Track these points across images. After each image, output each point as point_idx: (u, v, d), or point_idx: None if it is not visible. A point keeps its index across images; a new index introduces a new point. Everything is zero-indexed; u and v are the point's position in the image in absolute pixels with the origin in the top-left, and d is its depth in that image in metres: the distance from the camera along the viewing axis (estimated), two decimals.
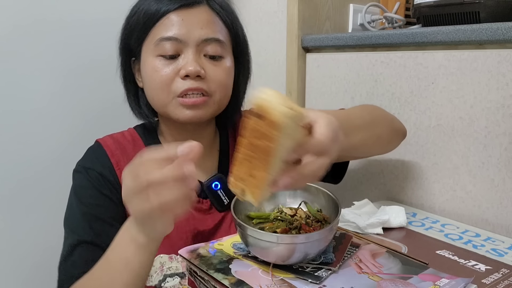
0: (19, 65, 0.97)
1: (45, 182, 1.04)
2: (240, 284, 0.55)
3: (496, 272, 0.60)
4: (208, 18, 0.74)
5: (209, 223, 0.78)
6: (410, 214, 0.85)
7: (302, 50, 1.15)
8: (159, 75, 0.72)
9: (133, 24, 0.76)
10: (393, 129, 0.83)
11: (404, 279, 0.57)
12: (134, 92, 0.82)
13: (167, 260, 0.74)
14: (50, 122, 1.03)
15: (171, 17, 0.72)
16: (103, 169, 0.75)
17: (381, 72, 0.98)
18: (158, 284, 0.74)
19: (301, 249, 0.57)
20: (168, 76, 0.72)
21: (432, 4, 0.92)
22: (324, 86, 1.11)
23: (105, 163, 0.76)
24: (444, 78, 0.87)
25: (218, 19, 0.76)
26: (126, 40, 0.78)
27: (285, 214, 0.65)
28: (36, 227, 1.03)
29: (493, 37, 0.79)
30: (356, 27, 1.25)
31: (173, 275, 0.74)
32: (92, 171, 0.75)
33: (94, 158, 0.77)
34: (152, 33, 0.73)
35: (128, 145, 0.80)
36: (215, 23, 0.75)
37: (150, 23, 0.73)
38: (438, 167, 0.90)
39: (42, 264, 1.02)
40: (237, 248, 0.65)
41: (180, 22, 0.71)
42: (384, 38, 0.96)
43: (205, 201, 0.79)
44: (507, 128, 0.80)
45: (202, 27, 0.72)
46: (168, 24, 0.72)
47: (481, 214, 0.85)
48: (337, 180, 0.90)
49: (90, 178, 0.75)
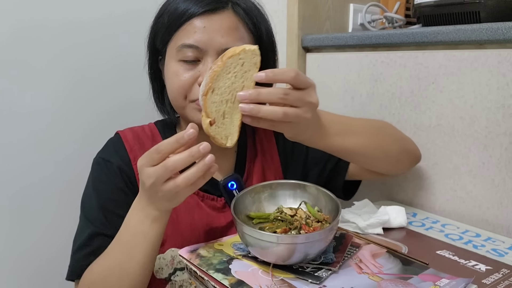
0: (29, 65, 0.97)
1: (55, 184, 1.04)
2: (240, 284, 0.55)
3: (497, 272, 0.60)
4: (231, 24, 0.74)
5: (221, 221, 0.79)
6: (410, 214, 0.85)
7: (302, 50, 1.15)
8: (178, 79, 0.74)
9: (159, 26, 0.78)
10: (404, 149, 0.84)
11: (404, 279, 0.57)
12: (160, 89, 0.84)
13: (178, 254, 0.76)
14: (63, 121, 1.03)
15: (194, 23, 0.73)
16: (121, 162, 0.78)
17: (381, 72, 0.98)
18: (168, 277, 0.76)
19: (301, 249, 0.57)
20: (187, 82, 0.74)
21: (433, 4, 0.92)
22: (324, 86, 1.11)
23: (124, 158, 0.79)
24: (444, 78, 0.87)
25: (242, 25, 0.76)
26: (153, 40, 0.80)
27: (285, 214, 0.65)
28: (51, 227, 1.03)
29: (494, 37, 0.79)
30: (356, 27, 1.25)
31: (183, 269, 0.76)
32: (111, 164, 0.78)
33: (114, 151, 0.80)
34: (176, 37, 0.75)
35: (147, 140, 0.82)
36: (237, 30, 0.75)
37: (174, 27, 0.75)
38: (438, 167, 0.90)
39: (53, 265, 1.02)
40: (237, 248, 0.65)
41: (202, 30, 0.73)
42: (384, 38, 0.96)
43: (220, 199, 0.81)
44: (508, 128, 0.80)
45: (223, 35, 0.73)
46: (191, 31, 0.73)
47: (481, 214, 0.85)
48: (348, 197, 0.92)
49: (108, 171, 0.78)
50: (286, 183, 0.71)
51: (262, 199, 0.70)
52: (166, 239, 0.76)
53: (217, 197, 0.81)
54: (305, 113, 0.60)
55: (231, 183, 0.80)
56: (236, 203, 0.65)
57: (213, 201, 0.81)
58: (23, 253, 1.01)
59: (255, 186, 0.70)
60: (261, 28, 0.79)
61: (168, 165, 0.58)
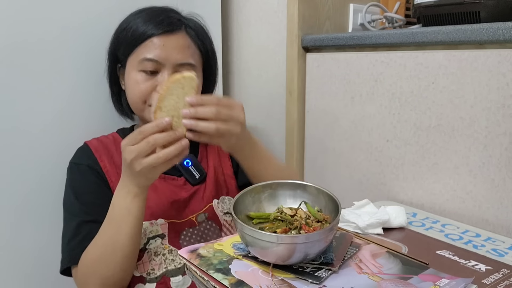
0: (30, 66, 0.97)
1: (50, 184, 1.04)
2: (240, 284, 0.55)
3: (497, 272, 0.60)
4: (185, 43, 0.89)
5: (183, 194, 0.91)
6: (410, 214, 0.85)
7: (302, 50, 1.15)
8: (139, 87, 0.87)
9: (121, 39, 0.90)
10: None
11: (404, 279, 0.57)
12: (118, 93, 0.97)
13: (149, 225, 0.87)
14: (63, 121, 1.03)
15: (154, 41, 0.86)
16: (90, 161, 0.89)
17: (381, 72, 0.98)
18: (143, 246, 0.86)
19: (301, 249, 0.57)
20: (147, 90, 0.87)
21: (432, 4, 0.92)
22: (324, 86, 1.11)
23: (91, 157, 0.90)
24: (444, 78, 0.87)
25: (193, 44, 0.91)
26: (114, 51, 0.92)
27: (285, 214, 0.65)
28: (51, 227, 1.03)
29: (494, 37, 0.79)
30: (356, 27, 1.25)
31: (154, 237, 0.87)
32: (81, 165, 0.89)
33: (82, 154, 0.92)
34: (137, 51, 0.87)
35: (110, 143, 0.94)
36: (189, 48, 0.89)
37: (136, 43, 0.87)
38: (439, 167, 0.90)
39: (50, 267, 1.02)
40: (237, 248, 0.65)
41: (161, 47, 0.86)
42: (384, 38, 0.96)
43: (180, 178, 0.93)
44: (508, 128, 0.80)
45: (179, 52, 0.87)
46: (152, 47, 0.86)
47: (481, 214, 0.85)
48: None
49: (80, 171, 0.89)
50: (286, 183, 0.71)
51: (262, 199, 0.70)
52: None
53: (177, 177, 0.93)
54: (234, 128, 0.74)
55: (186, 161, 0.93)
56: (236, 203, 0.65)
57: (174, 180, 0.92)
58: (23, 253, 1.01)
59: (255, 186, 0.70)
60: (207, 45, 0.95)
61: (149, 139, 0.69)
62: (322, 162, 1.14)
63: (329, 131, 1.11)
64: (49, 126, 1.02)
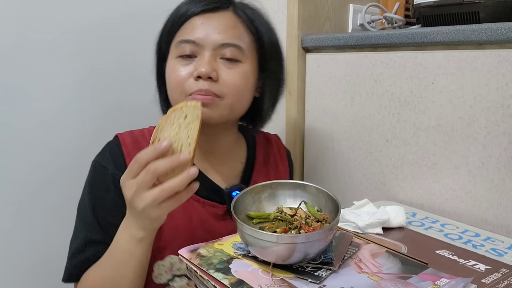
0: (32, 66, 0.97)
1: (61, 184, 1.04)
2: (240, 284, 0.56)
3: (496, 272, 0.61)
4: (229, 23, 0.76)
5: (222, 229, 0.78)
6: (410, 214, 0.85)
7: (302, 50, 1.15)
8: (175, 74, 0.75)
9: (163, 29, 0.80)
10: None
11: (404, 279, 0.57)
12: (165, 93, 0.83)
13: (177, 261, 0.77)
14: (64, 122, 1.03)
15: (193, 21, 0.75)
16: (116, 170, 0.76)
17: (381, 72, 0.98)
18: (166, 282, 0.78)
19: (301, 249, 0.57)
20: (183, 76, 0.74)
21: (432, 4, 0.93)
22: (324, 86, 1.11)
23: (120, 166, 0.77)
24: (444, 78, 0.87)
25: (241, 25, 0.78)
26: (159, 44, 0.82)
27: (285, 214, 0.65)
28: (51, 227, 1.03)
29: (493, 37, 0.79)
30: (356, 27, 1.25)
31: (181, 275, 0.78)
32: (106, 170, 0.77)
33: (110, 157, 0.79)
34: (177, 36, 0.77)
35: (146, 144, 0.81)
36: (236, 28, 0.76)
37: (176, 27, 0.77)
38: (438, 167, 0.90)
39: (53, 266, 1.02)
40: (237, 248, 0.65)
41: (199, 26, 0.75)
42: (384, 38, 0.96)
43: (222, 207, 0.81)
44: (507, 128, 0.80)
45: (220, 32, 0.74)
46: (189, 28, 0.75)
47: (480, 214, 0.85)
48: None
49: (104, 178, 0.77)
50: (286, 183, 0.71)
51: (262, 199, 0.70)
52: (165, 246, 0.77)
53: (219, 204, 0.81)
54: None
55: (236, 192, 0.79)
56: (236, 203, 0.65)
57: (214, 207, 0.80)
58: (23, 253, 1.01)
59: (255, 186, 0.70)
60: (263, 31, 0.80)
61: (149, 168, 0.59)
62: (322, 162, 1.14)
63: (329, 131, 1.11)
64: (49, 126, 1.02)
